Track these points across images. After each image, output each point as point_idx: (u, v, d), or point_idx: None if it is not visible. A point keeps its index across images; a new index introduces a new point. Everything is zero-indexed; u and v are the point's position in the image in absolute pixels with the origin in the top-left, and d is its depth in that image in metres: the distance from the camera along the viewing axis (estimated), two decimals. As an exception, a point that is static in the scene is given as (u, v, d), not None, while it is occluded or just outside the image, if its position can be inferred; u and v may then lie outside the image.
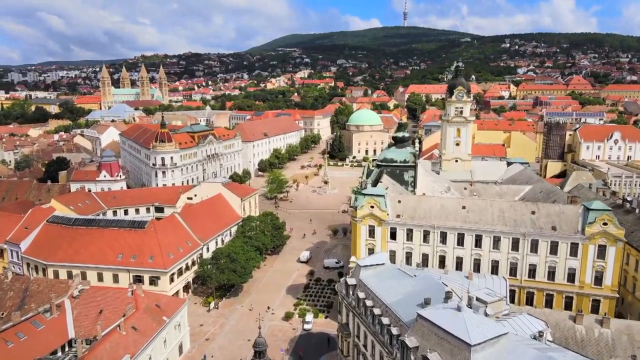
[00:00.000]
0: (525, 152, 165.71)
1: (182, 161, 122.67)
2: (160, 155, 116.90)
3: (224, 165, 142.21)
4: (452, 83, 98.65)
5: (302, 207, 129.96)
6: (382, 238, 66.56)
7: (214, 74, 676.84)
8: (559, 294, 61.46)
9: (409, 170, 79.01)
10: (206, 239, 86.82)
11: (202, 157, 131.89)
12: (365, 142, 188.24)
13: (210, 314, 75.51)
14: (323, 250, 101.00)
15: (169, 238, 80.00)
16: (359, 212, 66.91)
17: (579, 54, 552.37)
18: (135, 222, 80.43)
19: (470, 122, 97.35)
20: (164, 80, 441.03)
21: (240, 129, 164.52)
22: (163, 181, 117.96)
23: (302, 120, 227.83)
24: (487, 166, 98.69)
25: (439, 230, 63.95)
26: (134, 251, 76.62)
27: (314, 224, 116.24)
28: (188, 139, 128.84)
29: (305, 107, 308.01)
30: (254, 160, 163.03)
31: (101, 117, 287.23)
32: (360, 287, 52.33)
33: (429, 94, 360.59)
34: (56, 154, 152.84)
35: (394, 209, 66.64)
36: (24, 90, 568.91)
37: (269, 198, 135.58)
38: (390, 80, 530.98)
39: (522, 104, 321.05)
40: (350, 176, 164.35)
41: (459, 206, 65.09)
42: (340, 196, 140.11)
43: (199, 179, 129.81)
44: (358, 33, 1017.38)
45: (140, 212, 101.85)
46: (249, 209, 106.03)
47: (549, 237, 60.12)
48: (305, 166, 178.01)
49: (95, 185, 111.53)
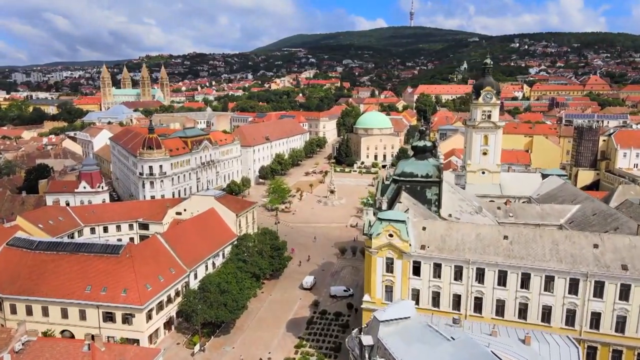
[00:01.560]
0: (549, 158, 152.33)
1: (173, 170, 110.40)
2: (148, 163, 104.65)
3: (220, 173, 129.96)
4: (479, 83, 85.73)
5: (305, 221, 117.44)
6: (403, 274, 53.94)
7: (219, 74, 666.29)
8: (629, 350, 48.59)
9: (432, 187, 66.28)
10: (194, 263, 74.53)
11: (196, 164, 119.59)
12: (375, 147, 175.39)
13: (195, 357, 63.23)
14: (329, 273, 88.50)
15: (148, 266, 67.76)
16: (375, 242, 54.30)
17: (590, 54, 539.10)
18: (108, 247, 68.15)
19: (499, 127, 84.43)
20: (166, 81, 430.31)
21: (239, 132, 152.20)
22: (151, 192, 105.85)
23: (307, 123, 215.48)
24: (518, 179, 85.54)
25: (475, 266, 51.23)
26: (105, 282, 64.45)
27: (319, 242, 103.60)
28: (180, 144, 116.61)
29: (310, 108, 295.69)
30: (254, 167, 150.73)
31: (98, 118, 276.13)
32: (379, 350, 39.82)
33: (439, 94, 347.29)
34: (40, 160, 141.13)
35: (418, 238, 53.98)
36: (25, 91, 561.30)
37: (270, 209, 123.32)
38: (398, 81, 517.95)
39: (537, 105, 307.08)
40: (359, 184, 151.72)
41: (500, 235, 52.32)
42: (348, 207, 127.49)
43: (192, 189, 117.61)
44: (364, 33, 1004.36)
45: (122, 229, 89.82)
46: (246, 226, 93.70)
47: (619, 279, 47.21)
48: (309, 173, 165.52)
49: (74, 197, 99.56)
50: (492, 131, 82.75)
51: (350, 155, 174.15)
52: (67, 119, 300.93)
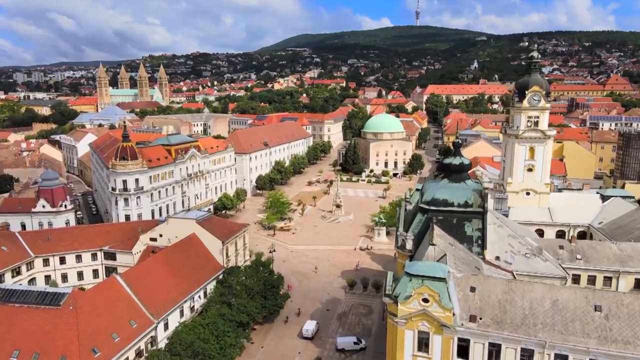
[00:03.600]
0: (582, 167, 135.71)
1: (153, 184, 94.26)
2: (121, 177, 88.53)
3: (211, 186, 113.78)
4: (524, 82, 69.01)
5: (307, 242, 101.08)
6: (444, 355, 37.49)
7: (222, 74, 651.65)
8: None
9: (472, 219, 49.77)
10: (164, 310, 58.48)
11: (181, 176, 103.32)
12: (385, 153, 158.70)
13: None
14: (335, 315, 72.15)
15: (99, 320, 51.76)
16: (403, 308, 37.92)
17: (603, 53, 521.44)
18: (47, 296, 52.12)
19: (549, 137, 67.62)
20: (165, 80, 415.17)
21: (234, 138, 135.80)
22: (125, 211, 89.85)
23: (310, 126, 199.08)
24: (572, 201, 68.49)
25: (553, 352, 34.82)
26: (38, 345, 48.48)
27: (323, 270, 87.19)
28: (162, 154, 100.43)
29: (314, 108, 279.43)
30: (251, 176, 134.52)
31: (90, 120, 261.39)
32: None
33: (450, 94, 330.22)
34: (10, 169, 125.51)
35: (465, 304, 37.61)
36: (23, 91, 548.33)
37: (267, 227, 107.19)
38: (405, 81, 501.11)
39: (556, 106, 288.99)
40: (368, 196, 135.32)
41: (588, 305, 35.92)
42: (357, 225, 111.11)
43: (177, 206, 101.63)
44: (369, 32, 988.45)
45: (84, 260, 73.80)
46: (235, 254, 77.58)
47: None
48: (313, 182, 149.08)
49: (32, 218, 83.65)
50: (540, 142, 66.15)
51: (357, 162, 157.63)
52: (58, 120, 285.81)
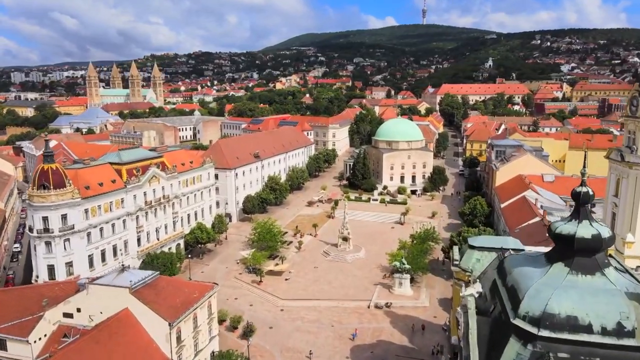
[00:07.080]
0: None
1: (90, 219, 68.33)
2: (39, 212, 62.70)
3: (180, 214, 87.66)
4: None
5: (304, 294, 74.73)
6: None
7: (223, 73, 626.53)
8: None
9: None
10: None
11: (136, 206, 77.12)
12: (401, 165, 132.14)
13: None
14: None
15: None
16: None
17: (621, 51, 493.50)
18: None
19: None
20: (159, 80, 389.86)
21: (215, 150, 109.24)
22: (47, 260, 63.97)
23: (313, 131, 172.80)
24: None
25: None
26: None
27: (324, 348, 60.81)
28: (109, 176, 74.25)
29: (318, 110, 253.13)
30: (237, 197, 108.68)
31: (69, 123, 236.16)
32: None
33: (466, 94, 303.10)
34: None
35: None
36: (17, 91, 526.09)
37: (252, 270, 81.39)
38: (414, 80, 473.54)
39: (585, 108, 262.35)
40: (382, 221, 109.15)
41: None
42: (369, 266, 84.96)
43: (129, 246, 75.74)
44: (375, 31, 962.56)
45: (-42, 351, 47.99)
46: (193, 335, 51.72)
47: None
48: (314, 202, 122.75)
49: None
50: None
51: (368, 177, 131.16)
52: (39, 123, 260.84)
